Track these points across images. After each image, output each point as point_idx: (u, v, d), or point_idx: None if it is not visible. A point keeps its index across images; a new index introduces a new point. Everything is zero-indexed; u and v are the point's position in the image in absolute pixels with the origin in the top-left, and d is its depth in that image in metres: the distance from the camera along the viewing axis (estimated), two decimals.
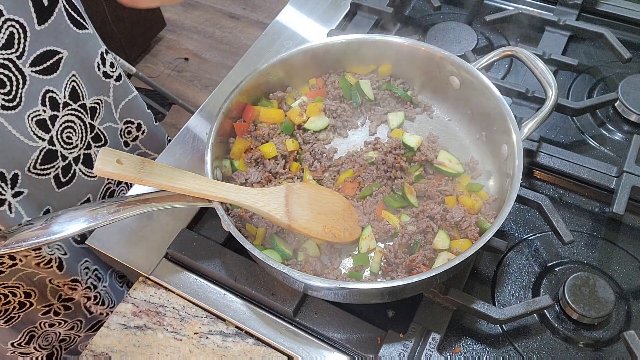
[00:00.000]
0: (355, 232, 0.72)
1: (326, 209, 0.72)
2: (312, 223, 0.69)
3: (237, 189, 0.67)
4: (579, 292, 0.68)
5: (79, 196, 0.85)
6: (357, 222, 0.74)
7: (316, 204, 0.71)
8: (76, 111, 0.78)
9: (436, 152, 0.79)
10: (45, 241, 0.58)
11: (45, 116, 0.73)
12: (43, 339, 0.96)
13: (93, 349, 0.71)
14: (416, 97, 0.86)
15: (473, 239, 0.69)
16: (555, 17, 0.99)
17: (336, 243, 0.71)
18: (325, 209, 0.71)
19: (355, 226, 0.73)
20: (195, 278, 0.74)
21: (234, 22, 2.88)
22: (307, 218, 0.69)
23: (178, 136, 0.89)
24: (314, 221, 0.70)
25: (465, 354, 0.68)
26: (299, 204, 0.70)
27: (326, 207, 0.72)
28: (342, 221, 0.72)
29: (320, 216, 0.70)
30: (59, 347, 1.00)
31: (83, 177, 0.84)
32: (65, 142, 0.78)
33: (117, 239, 0.78)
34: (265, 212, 0.67)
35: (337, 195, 0.75)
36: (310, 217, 0.70)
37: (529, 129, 0.71)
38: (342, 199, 0.75)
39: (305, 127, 0.82)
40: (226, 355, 0.69)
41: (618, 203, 0.75)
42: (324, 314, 0.70)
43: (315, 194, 0.73)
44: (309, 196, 0.72)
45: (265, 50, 0.99)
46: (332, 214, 0.71)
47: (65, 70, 0.75)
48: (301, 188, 0.72)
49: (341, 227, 0.71)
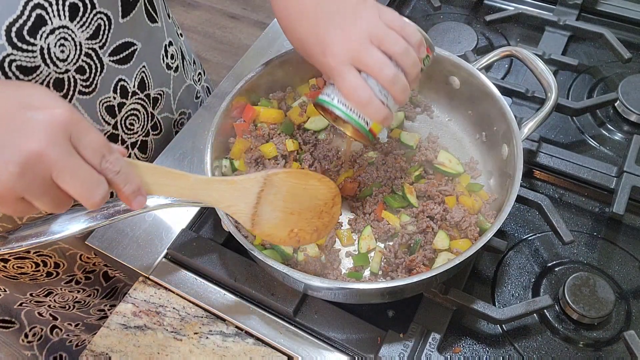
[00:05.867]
0: (327, 229, 0.69)
1: (302, 207, 0.66)
2: (277, 228, 0.64)
3: (205, 183, 0.60)
4: (579, 292, 0.68)
5: None
6: (336, 215, 0.69)
7: (292, 201, 0.65)
8: (142, 100, 0.82)
9: (436, 152, 0.79)
10: (46, 241, 0.59)
11: (114, 103, 0.77)
12: (60, 297, 1.00)
13: (93, 349, 0.71)
14: (416, 97, 0.86)
15: (473, 239, 0.69)
16: (555, 17, 0.99)
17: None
18: (301, 207, 0.66)
19: (331, 220, 0.69)
20: (195, 278, 0.74)
21: (234, 22, 2.88)
22: (274, 222, 0.64)
23: (178, 136, 0.89)
24: (281, 225, 0.65)
25: (465, 354, 0.68)
26: (271, 203, 0.64)
27: (304, 203, 0.66)
28: (316, 219, 0.67)
29: (292, 217, 0.65)
30: (72, 305, 1.04)
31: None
32: (127, 128, 0.82)
33: (117, 239, 0.78)
34: (230, 213, 0.62)
35: (325, 184, 0.68)
36: (278, 221, 0.64)
37: (529, 129, 0.71)
38: (330, 187, 0.68)
39: (305, 127, 0.82)
40: (226, 355, 0.69)
41: (618, 203, 0.75)
42: (324, 314, 0.70)
43: (298, 185, 0.66)
44: (289, 190, 0.65)
45: (265, 50, 0.99)
46: (307, 212, 0.66)
47: (137, 61, 0.79)
48: (283, 179, 0.64)
49: (312, 227, 0.67)
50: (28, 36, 0.61)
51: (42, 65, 0.64)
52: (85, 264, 0.95)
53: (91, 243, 0.78)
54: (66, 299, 1.02)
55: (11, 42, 0.60)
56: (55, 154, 0.45)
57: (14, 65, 0.61)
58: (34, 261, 0.87)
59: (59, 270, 0.92)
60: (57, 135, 0.46)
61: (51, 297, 0.99)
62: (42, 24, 0.62)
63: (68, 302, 1.03)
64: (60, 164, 0.46)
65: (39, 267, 0.89)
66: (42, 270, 0.90)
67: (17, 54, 0.61)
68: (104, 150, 0.49)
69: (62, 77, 0.67)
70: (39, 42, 0.62)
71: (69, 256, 0.90)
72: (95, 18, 0.69)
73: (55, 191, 0.47)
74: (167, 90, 0.89)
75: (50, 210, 0.49)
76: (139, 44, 0.78)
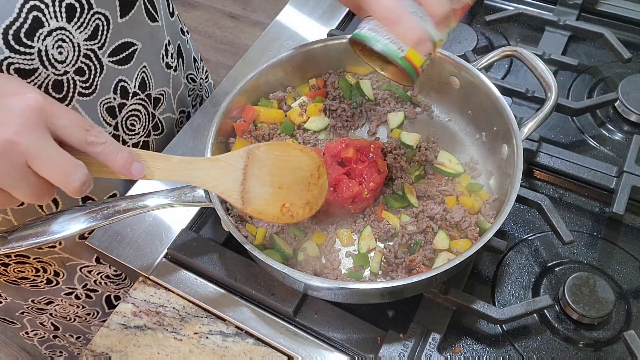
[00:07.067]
0: (318, 202, 0.67)
1: (289, 179, 0.65)
2: (269, 204, 0.64)
3: (188, 163, 0.59)
4: (579, 292, 0.68)
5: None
6: (325, 186, 0.68)
7: (279, 174, 0.64)
8: (142, 101, 0.82)
9: (436, 152, 0.79)
10: (46, 241, 0.58)
11: (114, 103, 0.77)
12: (61, 308, 0.99)
13: (93, 349, 0.71)
14: (416, 97, 0.86)
15: (473, 239, 0.69)
16: (555, 17, 0.99)
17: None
18: (288, 179, 0.65)
19: (321, 192, 0.68)
20: (195, 278, 0.74)
21: (234, 22, 2.88)
22: (264, 197, 0.63)
23: (178, 136, 0.89)
24: (272, 200, 0.64)
25: (465, 354, 0.68)
26: (258, 177, 0.63)
27: (290, 175, 0.65)
28: (305, 191, 0.66)
29: (281, 191, 0.64)
30: (74, 318, 1.04)
31: None
32: (128, 129, 0.81)
33: (117, 239, 0.78)
34: (218, 193, 0.61)
35: (307, 154, 0.67)
36: (268, 196, 0.63)
37: (529, 129, 0.71)
38: (313, 158, 0.67)
39: (305, 127, 0.82)
40: (226, 355, 0.69)
41: (618, 203, 0.75)
42: (324, 314, 0.70)
43: (281, 157, 0.65)
44: (273, 163, 0.64)
45: (265, 50, 0.99)
46: (296, 185, 0.65)
47: (137, 62, 0.78)
48: (266, 152, 0.64)
49: (302, 201, 0.66)
50: (25, 39, 0.60)
51: (40, 67, 0.63)
52: (86, 279, 0.93)
53: (91, 243, 0.78)
54: (67, 311, 1.01)
55: (8, 45, 0.59)
56: (29, 140, 0.45)
57: (12, 69, 0.61)
58: (34, 266, 0.86)
59: (59, 279, 0.91)
60: (31, 120, 0.45)
61: (52, 306, 0.98)
62: (40, 26, 0.61)
63: (69, 314, 1.02)
64: (34, 149, 0.45)
65: (39, 273, 0.88)
66: (42, 276, 0.89)
67: (14, 57, 0.60)
68: (86, 125, 0.49)
69: (61, 78, 0.67)
70: (37, 45, 0.62)
71: (69, 267, 0.89)
72: (93, 19, 0.68)
73: (32, 179, 0.46)
74: (167, 90, 0.88)
75: (31, 200, 0.48)
76: (139, 44, 0.78)
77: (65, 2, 0.64)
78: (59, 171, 0.47)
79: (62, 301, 0.97)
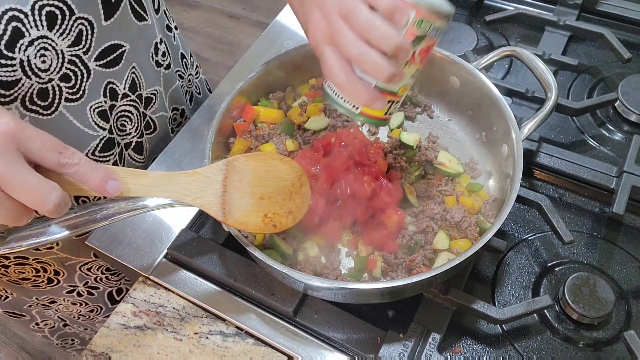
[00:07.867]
0: (301, 211, 0.67)
1: (270, 189, 0.65)
2: (250, 215, 0.64)
3: (167, 178, 0.59)
4: (579, 292, 0.68)
5: None
6: (307, 195, 0.68)
7: (259, 184, 0.64)
8: (134, 102, 0.81)
9: (436, 152, 0.79)
10: (45, 241, 0.58)
11: (106, 107, 0.76)
12: (64, 307, 0.99)
13: (93, 349, 0.71)
14: (416, 97, 0.86)
15: (473, 239, 0.69)
16: (555, 17, 0.99)
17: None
18: (269, 190, 0.65)
19: (304, 201, 0.67)
20: (195, 278, 0.74)
21: (234, 22, 2.88)
22: (245, 209, 0.63)
23: (177, 136, 0.89)
24: (254, 212, 0.64)
25: (465, 354, 0.68)
26: (238, 189, 0.63)
27: (271, 185, 0.65)
28: (288, 201, 0.66)
29: (263, 202, 0.64)
30: (78, 317, 1.04)
31: (132, 162, 0.87)
32: (119, 130, 0.80)
33: (117, 239, 0.78)
34: (198, 206, 0.61)
35: (287, 164, 0.67)
36: (249, 207, 0.63)
37: (529, 129, 0.71)
38: (293, 167, 0.67)
39: (305, 127, 0.82)
40: (226, 355, 0.69)
41: (618, 203, 0.75)
42: (324, 314, 0.70)
43: (260, 167, 0.65)
44: (253, 174, 0.64)
45: (265, 50, 0.99)
46: (277, 194, 0.65)
47: (127, 63, 0.77)
48: (244, 163, 0.64)
49: (285, 210, 0.66)
50: (6, 50, 0.59)
51: (23, 77, 0.62)
52: (87, 277, 0.93)
53: (91, 243, 0.78)
54: (70, 310, 1.01)
55: None
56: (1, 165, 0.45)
57: None
58: (33, 267, 0.86)
59: (59, 278, 0.91)
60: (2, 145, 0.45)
61: (55, 305, 0.98)
62: (20, 37, 0.60)
63: (73, 313, 1.02)
64: (7, 174, 0.45)
65: (40, 273, 0.88)
66: (42, 276, 0.89)
67: None
68: (59, 147, 0.49)
69: (45, 86, 0.65)
70: (18, 55, 0.60)
71: (69, 266, 0.89)
72: (76, 24, 0.66)
73: (7, 202, 0.47)
74: (159, 88, 0.87)
75: (8, 222, 0.49)
76: (127, 44, 0.76)
77: (45, 10, 0.62)
78: (33, 194, 0.47)
79: (65, 300, 0.97)
